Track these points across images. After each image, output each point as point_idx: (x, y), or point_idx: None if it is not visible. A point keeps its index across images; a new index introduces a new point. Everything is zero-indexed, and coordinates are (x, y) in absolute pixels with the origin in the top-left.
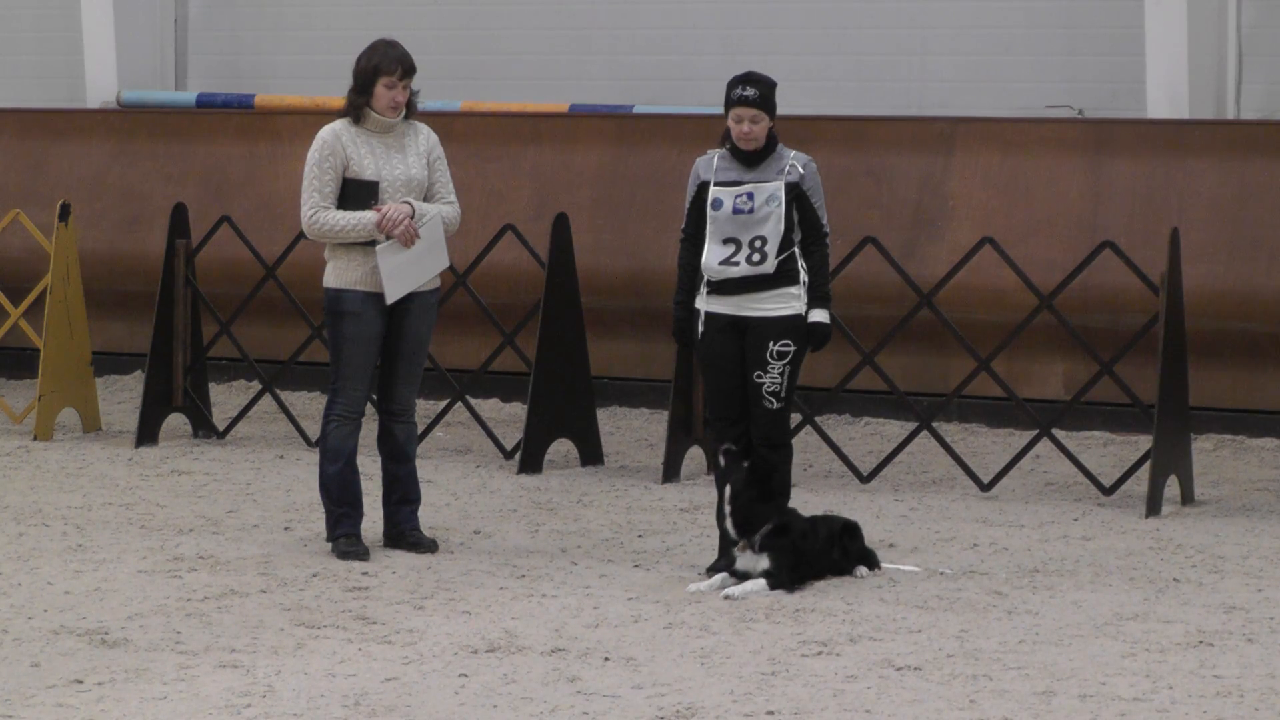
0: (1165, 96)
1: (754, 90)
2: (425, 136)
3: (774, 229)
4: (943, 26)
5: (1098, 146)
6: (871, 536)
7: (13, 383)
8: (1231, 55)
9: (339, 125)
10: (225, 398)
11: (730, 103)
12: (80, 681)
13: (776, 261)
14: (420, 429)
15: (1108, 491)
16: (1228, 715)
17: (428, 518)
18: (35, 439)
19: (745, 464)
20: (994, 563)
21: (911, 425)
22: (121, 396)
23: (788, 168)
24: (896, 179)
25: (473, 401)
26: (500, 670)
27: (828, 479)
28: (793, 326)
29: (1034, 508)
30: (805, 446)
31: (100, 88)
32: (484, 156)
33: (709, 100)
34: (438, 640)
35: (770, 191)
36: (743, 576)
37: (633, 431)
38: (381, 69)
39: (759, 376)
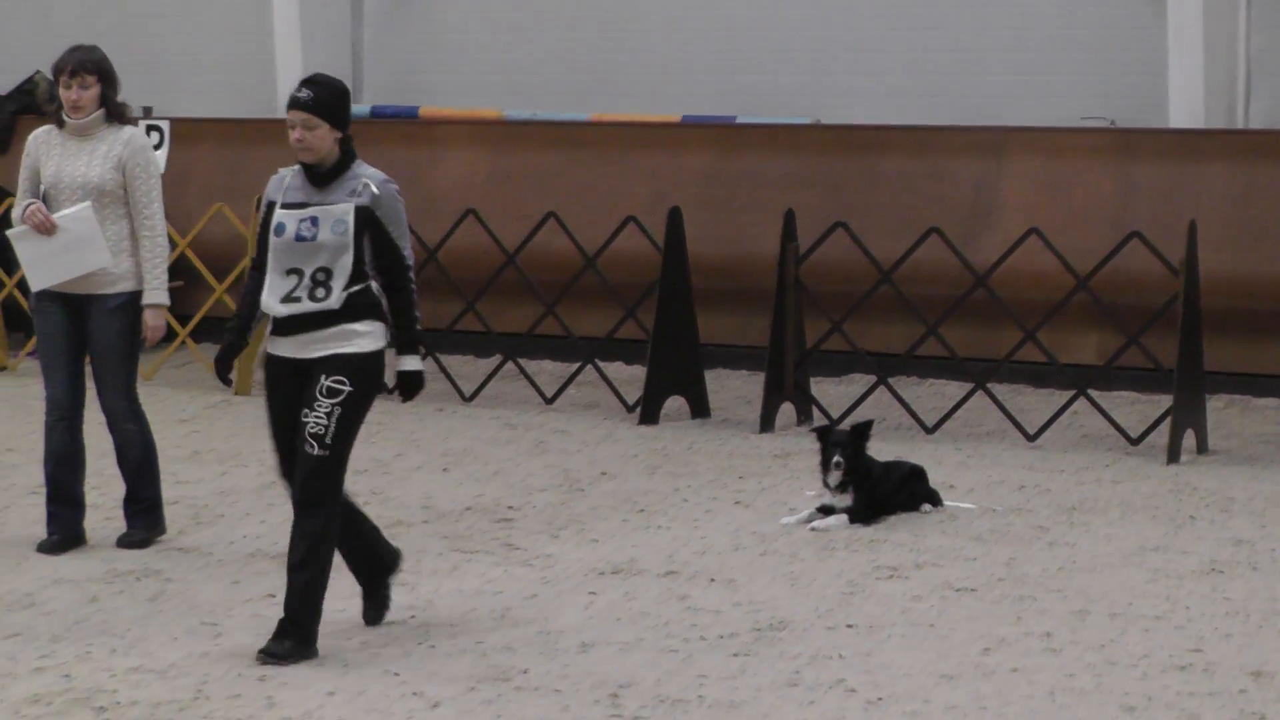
0: (1184, 109)
1: (308, 92)
2: (125, 143)
3: (342, 260)
4: (995, 50)
5: (1126, 152)
6: (935, 479)
7: (217, 346)
8: (1241, 74)
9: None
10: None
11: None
12: (272, 596)
13: (344, 295)
14: (555, 389)
15: (1134, 442)
16: (1236, 631)
17: (564, 462)
18: (235, 394)
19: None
20: (1037, 502)
21: (968, 386)
22: None
23: (360, 188)
24: (955, 179)
25: (600, 364)
26: (622, 589)
27: (898, 431)
28: (352, 365)
29: (1071, 456)
30: (879, 404)
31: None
32: (608, 160)
33: (799, 111)
34: (570, 564)
35: (338, 215)
36: (827, 512)
37: (734, 390)
38: (56, 68)
39: (305, 415)
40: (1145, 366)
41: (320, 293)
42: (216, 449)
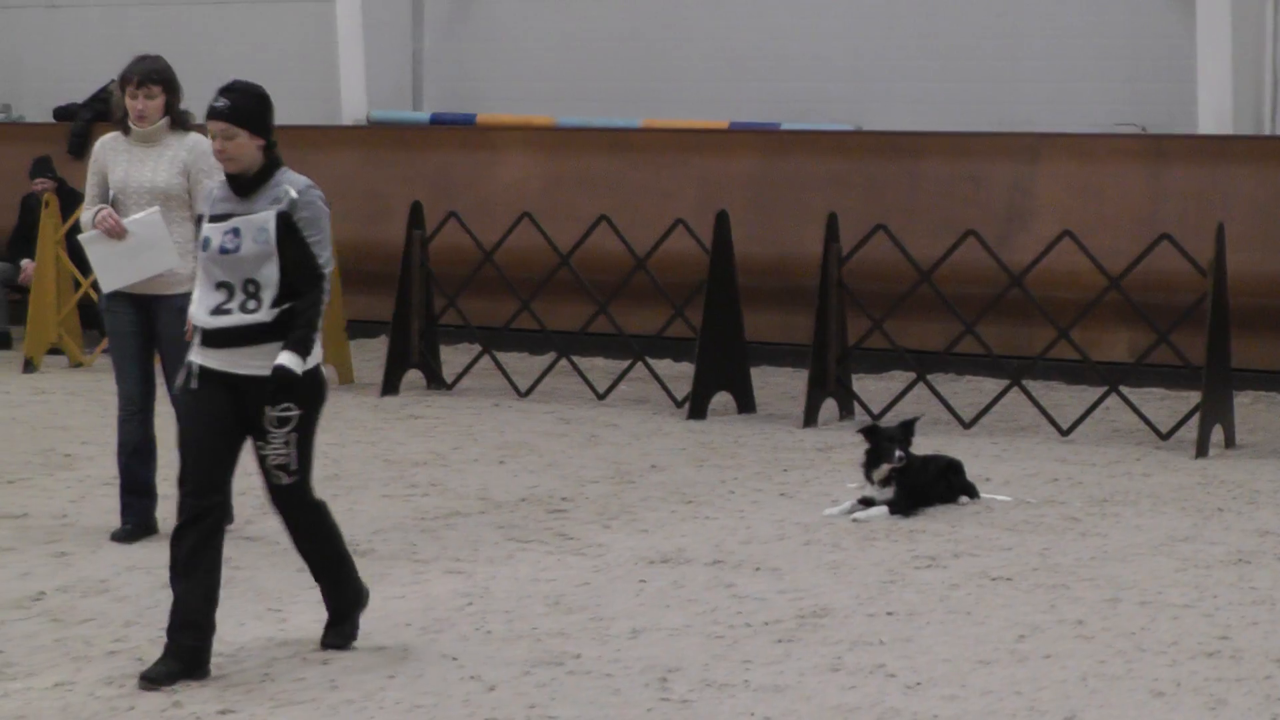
0: (1213, 115)
1: (225, 101)
2: (189, 149)
3: (267, 270)
4: (1030, 58)
5: (1157, 156)
6: (972, 472)
7: None
8: (1268, 82)
9: (108, 137)
10: (452, 357)
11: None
12: None
13: (275, 312)
14: (606, 385)
15: (1164, 437)
16: (1262, 619)
17: (615, 455)
18: None
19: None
20: (1070, 494)
21: (1004, 382)
22: (369, 356)
23: (281, 194)
24: (992, 183)
25: (650, 361)
26: (671, 577)
27: (936, 425)
28: (293, 389)
29: (1103, 450)
30: (918, 400)
31: (353, 108)
32: (658, 164)
33: (841, 118)
34: (621, 553)
35: (259, 224)
36: (868, 503)
37: (778, 386)
38: (123, 78)
39: (261, 449)
40: (1174, 364)
41: (251, 304)
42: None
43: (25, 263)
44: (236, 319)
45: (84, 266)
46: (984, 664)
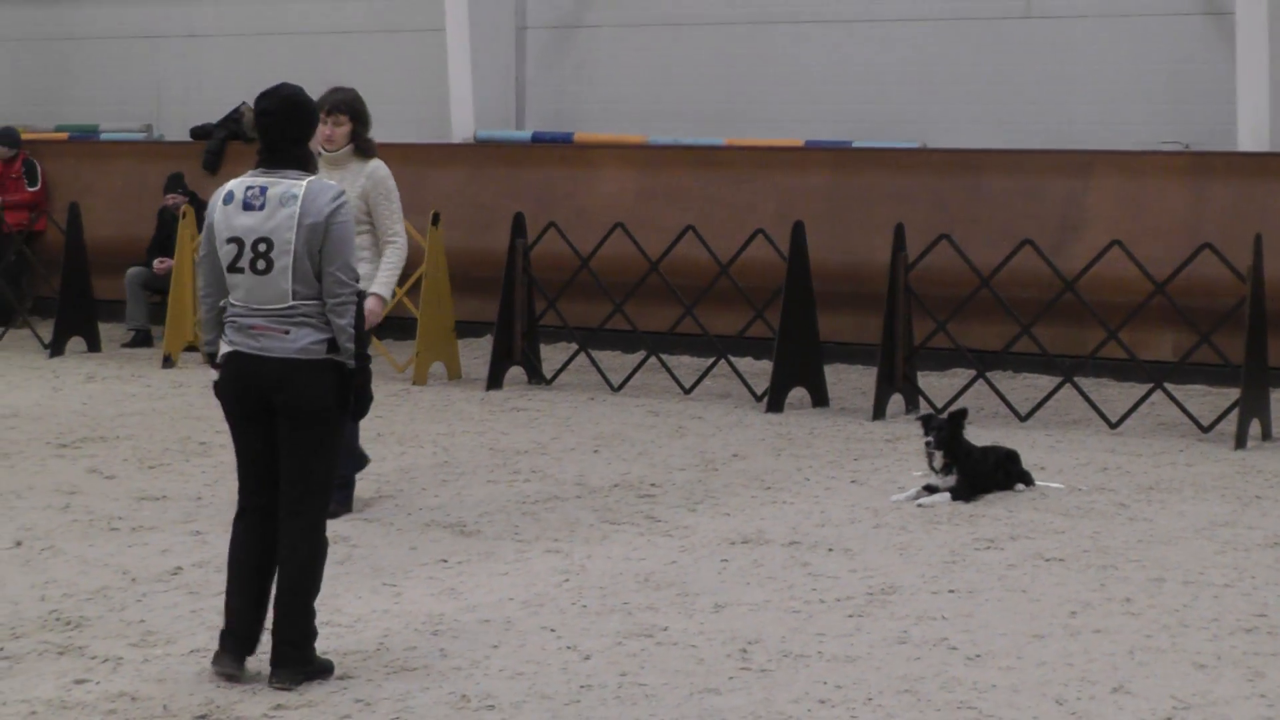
0: (1252, 134)
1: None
2: (368, 175)
3: None
4: (1082, 82)
5: (1199, 172)
6: (1027, 462)
7: (398, 343)
8: None
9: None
10: (551, 355)
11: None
12: (445, 561)
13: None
14: (692, 381)
15: (1205, 430)
16: None
17: (700, 445)
18: (413, 384)
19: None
20: (1119, 482)
21: (1057, 379)
22: (476, 354)
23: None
24: (1047, 196)
25: (732, 359)
26: (751, 557)
27: (994, 419)
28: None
29: (1149, 441)
30: (978, 395)
31: (461, 128)
32: (739, 179)
33: (908, 136)
34: (705, 534)
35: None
36: (932, 490)
37: (850, 382)
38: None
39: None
40: (1215, 362)
41: None
42: (397, 432)
43: (157, 261)
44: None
45: None
46: (1039, 638)
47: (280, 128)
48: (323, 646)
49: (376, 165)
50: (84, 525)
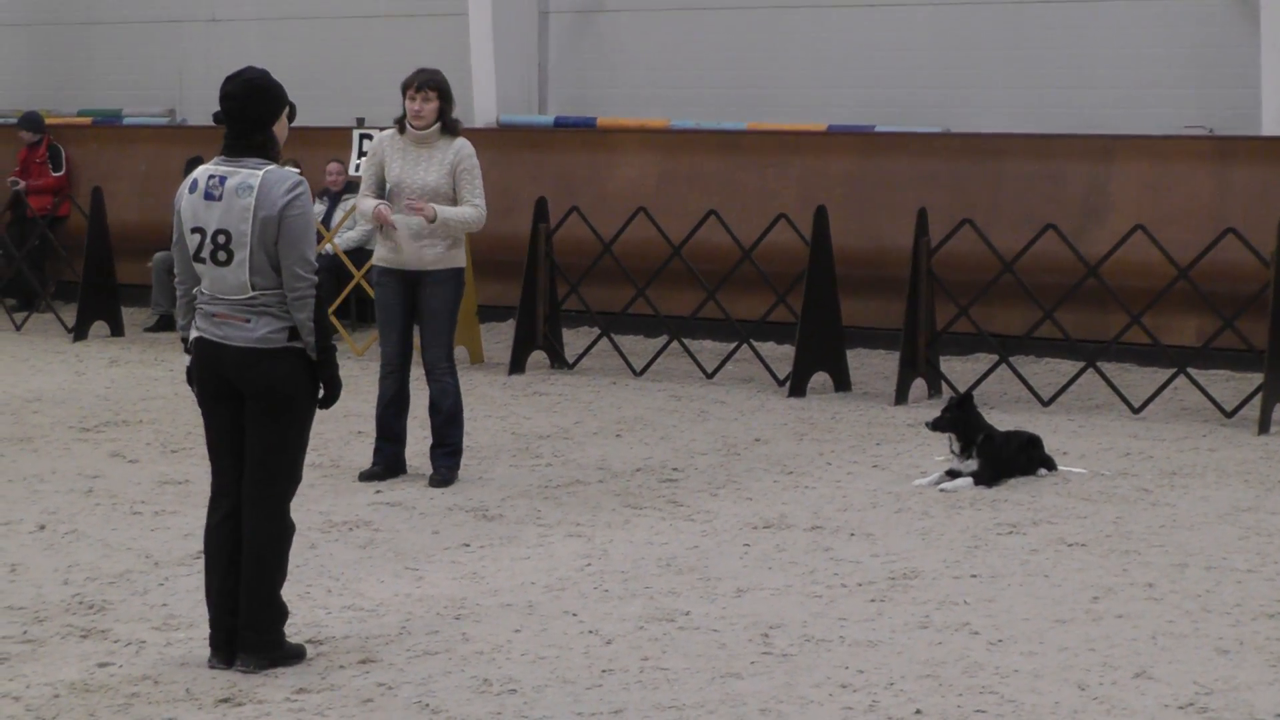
0: (1276, 118)
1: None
2: (455, 151)
3: None
4: (1105, 66)
5: (1223, 157)
6: (1050, 446)
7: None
8: None
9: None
10: (573, 339)
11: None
12: (467, 545)
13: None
14: (715, 365)
15: (1229, 415)
16: None
17: (722, 429)
18: None
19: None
20: (1141, 467)
21: (1080, 364)
22: (498, 338)
23: None
24: (1070, 181)
25: (755, 344)
26: (773, 541)
27: (1017, 403)
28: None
29: (1172, 426)
30: (1000, 380)
31: (484, 112)
32: (762, 164)
33: (930, 121)
34: (728, 519)
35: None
36: (955, 475)
37: (872, 367)
38: (405, 84)
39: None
40: (1238, 347)
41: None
42: (419, 417)
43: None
44: None
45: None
46: (1061, 623)
47: (241, 110)
48: (345, 630)
49: (463, 143)
50: (107, 509)
